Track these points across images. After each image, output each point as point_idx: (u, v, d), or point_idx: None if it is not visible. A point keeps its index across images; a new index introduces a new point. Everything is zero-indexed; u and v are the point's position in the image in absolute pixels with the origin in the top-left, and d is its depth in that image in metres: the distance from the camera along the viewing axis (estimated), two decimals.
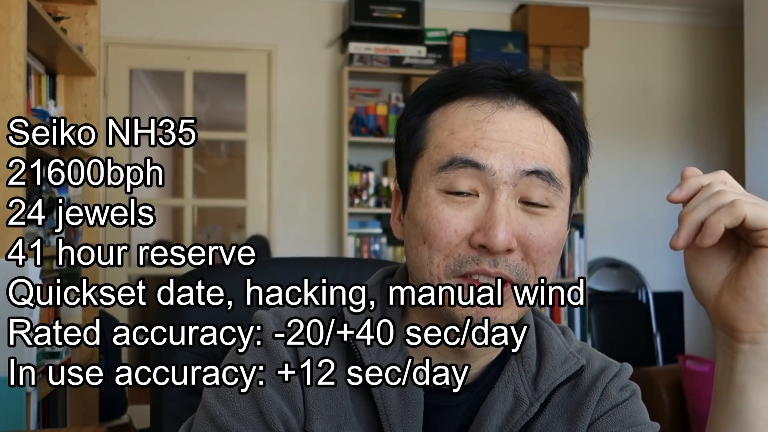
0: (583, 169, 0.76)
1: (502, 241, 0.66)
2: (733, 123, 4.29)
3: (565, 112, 0.72)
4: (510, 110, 0.71)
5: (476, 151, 0.69)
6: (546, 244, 0.69)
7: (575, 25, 4.03)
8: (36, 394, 1.84)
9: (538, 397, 0.75)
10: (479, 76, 0.72)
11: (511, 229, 0.67)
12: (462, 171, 0.69)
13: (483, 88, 0.71)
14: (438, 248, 0.69)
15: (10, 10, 1.78)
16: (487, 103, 0.71)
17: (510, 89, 0.72)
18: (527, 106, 0.72)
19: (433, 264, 0.70)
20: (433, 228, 0.69)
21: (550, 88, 0.72)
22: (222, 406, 0.72)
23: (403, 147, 0.76)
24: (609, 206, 4.31)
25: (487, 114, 0.70)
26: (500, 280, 0.68)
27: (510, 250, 0.68)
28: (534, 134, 0.70)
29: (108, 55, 3.82)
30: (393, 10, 3.77)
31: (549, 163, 0.70)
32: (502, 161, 0.68)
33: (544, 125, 0.71)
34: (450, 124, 0.72)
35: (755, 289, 0.60)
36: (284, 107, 4.00)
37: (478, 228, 0.68)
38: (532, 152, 0.69)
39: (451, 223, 0.68)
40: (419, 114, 0.75)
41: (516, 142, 0.69)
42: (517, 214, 0.69)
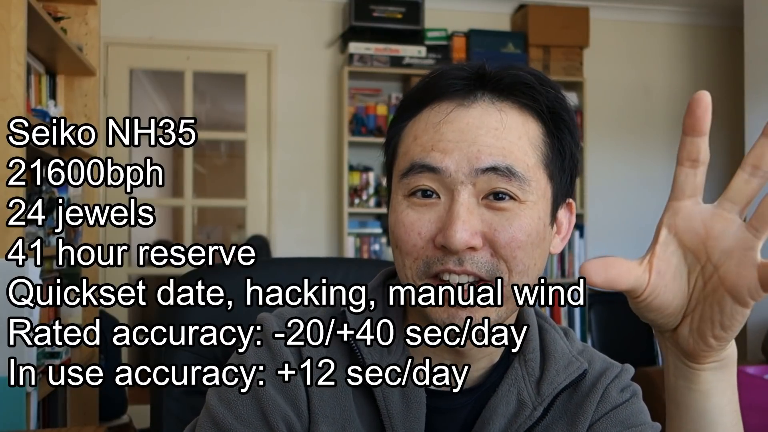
0: (566, 157, 0.74)
1: (459, 240, 0.66)
2: (733, 123, 4.29)
3: (535, 101, 0.71)
4: (469, 108, 0.70)
5: (432, 155, 0.69)
6: (513, 239, 0.68)
7: (575, 25, 4.03)
8: (36, 394, 1.84)
9: (541, 401, 0.75)
10: (442, 77, 0.72)
11: (470, 227, 0.67)
12: (420, 175, 0.69)
13: (445, 90, 0.71)
14: (407, 252, 0.70)
15: (10, 10, 1.78)
16: (446, 103, 0.71)
17: (474, 87, 0.71)
18: (492, 100, 0.71)
19: (406, 267, 0.71)
20: (399, 232, 0.70)
21: (520, 79, 0.71)
22: (225, 408, 0.72)
23: (386, 158, 0.78)
24: (609, 206, 4.31)
25: (445, 114, 0.70)
26: (470, 278, 0.68)
27: (474, 248, 0.67)
28: (493, 129, 0.69)
29: (108, 55, 3.82)
30: (393, 10, 3.78)
31: (509, 158, 0.68)
32: (458, 162, 0.68)
33: (508, 119, 0.70)
34: (414, 130, 0.72)
35: (719, 338, 0.56)
36: (284, 107, 4.00)
37: (440, 229, 0.68)
38: (488, 149, 0.68)
39: (415, 226, 0.69)
40: (397, 124, 0.76)
41: (472, 140, 0.68)
42: (481, 212, 0.68)
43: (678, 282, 0.58)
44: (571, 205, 0.78)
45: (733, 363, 0.60)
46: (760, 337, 3.30)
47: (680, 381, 0.60)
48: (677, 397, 0.61)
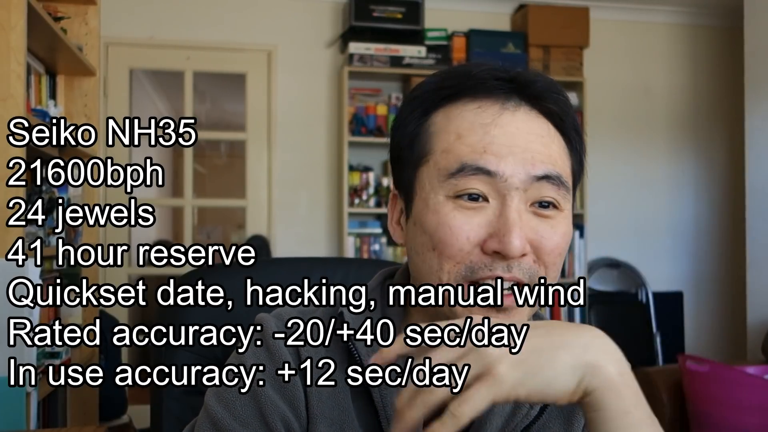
0: (582, 169, 0.76)
1: (518, 246, 0.66)
2: (733, 123, 4.29)
3: (564, 112, 0.72)
4: (515, 112, 0.70)
5: (486, 158, 0.68)
6: (557, 246, 0.69)
7: (575, 25, 4.03)
8: (36, 394, 1.84)
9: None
10: (481, 78, 0.71)
11: (524, 234, 0.67)
12: (473, 178, 0.68)
13: (486, 90, 0.70)
14: (449, 255, 0.68)
15: (10, 10, 1.78)
16: (492, 105, 0.70)
17: (512, 90, 0.71)
18: (530, 107, 0.71)
19: (443, 271, 0.69)
20: (444, 235, 0.68)
21: (549, 87, 0.72)
22: (223, 409, 0.72)
23: (403, 152, 0.75)
24: (609, 206, 4.31)
25: (494, 117, 0.69)
26: (516, 287, 0.68)
27: (524, 255, 0.68)
28: (540, 136, 0.70)
29: (108, 55, 3.82)
30: (393, 10, 3.78)
31: (557, 167, 0.70)
32: (513, 167, 0.68)
33: (548, 126, 0.71)
34: (455, 127, 0.70)
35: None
36: (284, 107, 4.00)
37: (491, 234, 0.67)
38: (541, 156, 0.69)
39: (463, 230, 0.68)
40: (418, 117, 0.73)
41: (525, 146, 0.68)
42: (529, 219, 0.69)
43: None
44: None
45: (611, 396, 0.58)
46: (760, 337, 3.30)
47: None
48: None
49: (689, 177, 4.47)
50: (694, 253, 4.47)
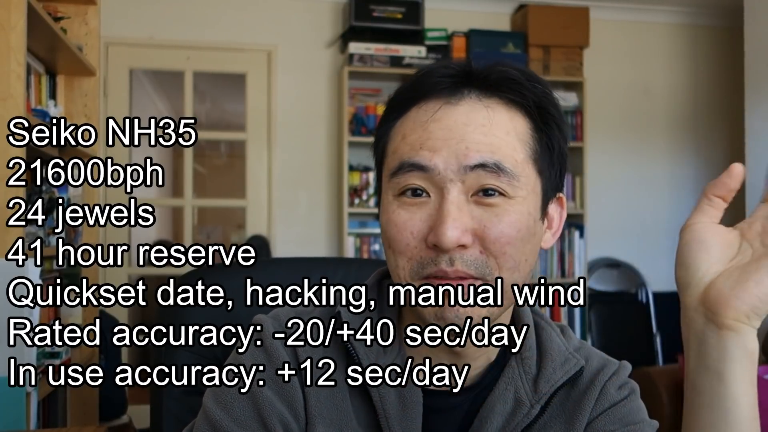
0: (554, 152, 0.74)
1: (450, 238, 0.66)
2: (733, 123, 4.29)
3: (522, 97, 0.71)
4: (457, 105, 0.70)
5: (422, 154, 0.69)
6: (503, 234, 0.68)
7: (575, 25, 4.03)
8: (36, 394, 1.84)
9: (538, 399, 0.75)
10: (429, 77, 0.72)
11: (461, 224, 0.67)
12: (410, 174, 0.69)
13: (432, 88, 0.72)
14: (400, 251, 0.70)
15: (10, 10, 1.78)
16: (433, 101, 0.71)
17: (460, 84, 0.71)
18: (479, 97, 0.71)
19: (399, 267, 0.71)
20: (392, 232, 0.70)
21: (506, 75, 0.72)
22: (222, 410, 0.72)
23: (375, 159, 0.78)
24: (609, 206, 4.31)
25: (433, 112, 0.70)
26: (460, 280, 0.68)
27: (464, 246, 0.67)
28: (481, 125, 0.69)
29: (108, 55, 3.82)
30: (393, 10, 3.78)
31: (497, 154, 0.68)
32: (446, 159, 0.68)
33: (495, 115, 0.70)
34: (402, 129, 0.72)
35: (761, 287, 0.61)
36: (284, 107, 4.00)
37: (431, 227, 0.68)
38: (477, 146, 0.68)
39: (407, 225, 0.69)
40: (385, 124, 0.76)
41: (460, 137, 0.68)
42: (471, 209, 0.68)
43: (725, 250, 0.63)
44: (561, 199, 0.78)
45: (753, 357, 0.62)
46: (760, 337, 3.30)
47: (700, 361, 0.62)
48: (695, 380, 0.63)
49: (689, 177, 4.47)
50: None
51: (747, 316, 0.61)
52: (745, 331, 0.61)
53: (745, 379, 0.61)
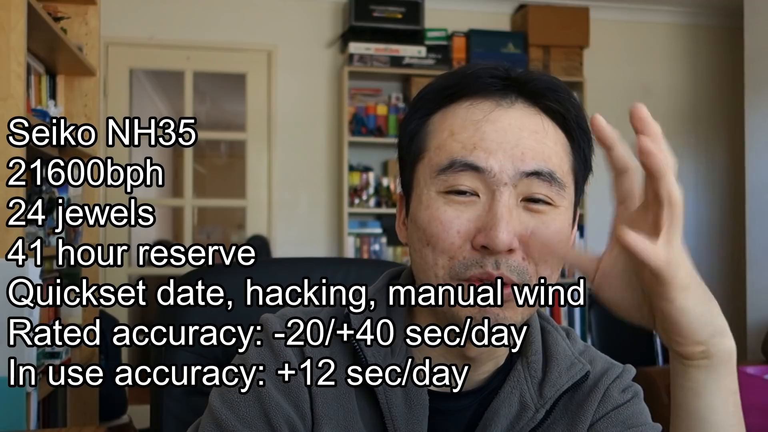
0: (587, 168, 0.75)
1: (504, 241, 0.65)
2: (733, 123, 4.29)
3: (566, 110, 0.72)
4: (509, 108, 0.70)
5: (476, 154, 0.68)
6: (549, 242, 0.68)
7: (575, 25, 4.03)
8: (36, 394, 1.84)
9: (543, 403, 0.74)
10: (477, 76, 0.71)
11: (512, 228, 0.67)
12: (462, 174, 0.68)
13: (481, 88, 0.71)
14: (442, 250, 0.68)
15: (10, 10, 1.78)
16: (485, 102, 0.70)
17: (509, 87, 0.71)
18: (527, 104, 0.71)
19: (438, 266, 0.69)
20: (436, 230, 0.68)
21: (550, 85, 0.72)
22: (228, 410, 0.72)
23: (404, 151, 0.75)
24: (609, 206, 4.29)
25: (486, 113, 0.69)
26: (500, 281, 0.67)
27: (512, 250, 0.67)
28: (534, 132, 0.69)
29: (108, 55, 3.82)
30: (393, 10, 3.78)
31: (549, 163, 0.69)
32: (502, 163, 0.67)
33: (544, 123, 0.71)
34: (449, 125, 0.71)
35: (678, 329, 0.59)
36: (284, 107, 4.00)
37: (480, 229, 0.67)
38: (531, 152, 0.68)
39: (453, 224, 0.68)
40: (419, 117, 0.74)
41: (515, 142, 0.68)
42: (519, 213, 0.68)
43: (625, 282, 0.63)
44: (577, 213, 0.78)
45: (724, 364, 0.60)
46: (760, 337, 3.30)
47: (675, 379, 0.62)
48: (673, 394, 0.63)
49: (689, 177, 4.47)
50: (693, 253, 4.38)
51: (700, 349, 0.59)
52: (707, 354, 0.59)
53: (721, 392, 0.61)
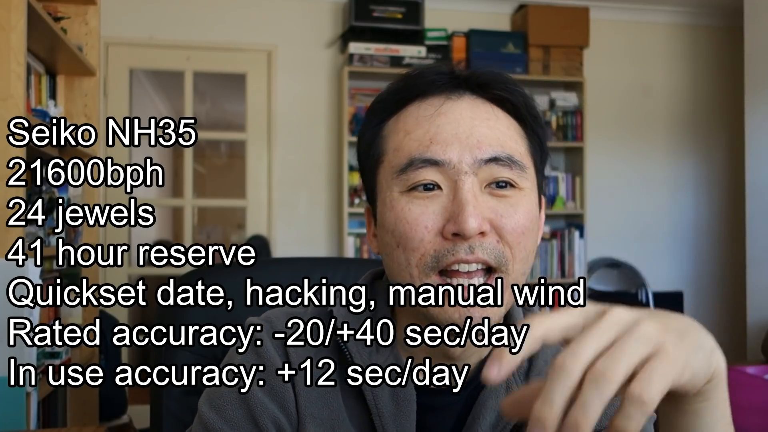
0: (543, 151, 0.76)
1: (473, 224, 0.66)
2: (733, 123, 4.29)
3: (514, 97, 0.73)
4: (458, 100, 0.72)
5: (433, 148, 0.69)
6: (519, 224, 0.69)
7: (575, 25, 4.03)
8: (36, 394, 1.84)
9: None
10: (423, 75, 0.73)
11: (480, 212, 0.67)
12: (422, 170, 0.69)
13: (429, 86, 0.72)
14: (413, 248, 0.69)
15: (10, 10, 1.78)
16: (435, 98, 0.72)
17: (456, 82, 0.73)
18: (475, 95, 0.73)
19: (411, 266, 0.69)
20: (403, 229, 0.69)
21: (495, 77, 0.74)
22: (215, 413, 0.73)
23: (364, 160, 0.77)
24: (609, 206, 4.31)
25: (436, 107, 0.71)
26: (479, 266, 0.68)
27: (483, 233, 0.68)
28: (486, 120, 0.71)
29: (108, 55, 3.82)
30: (393, 10, 3.78)
31: (506, 147, 0.70)
32: (460, 153, 0.69)
33: (495, 111, 0.72)
34: (403, 125, 0.72)
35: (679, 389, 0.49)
36: (284, 107, 4.00)
37: (448, 219, 0.68)
38: (487, 139, 0.70)
39: (420, 220, 0.69)
40: (374, 125, 0.76)
41: (469, 131, 0.70)
42: (485, 199, 0.69)
43: None
44: (542, 201, 0.78)
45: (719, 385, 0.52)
46: (760, 337, 3.30)
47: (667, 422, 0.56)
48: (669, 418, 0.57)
49: (689, 177, 4.47)
50: (694, 253, 4.47)
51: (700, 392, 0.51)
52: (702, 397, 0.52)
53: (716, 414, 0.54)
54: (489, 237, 0.68)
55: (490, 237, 0.68)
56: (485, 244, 0.68)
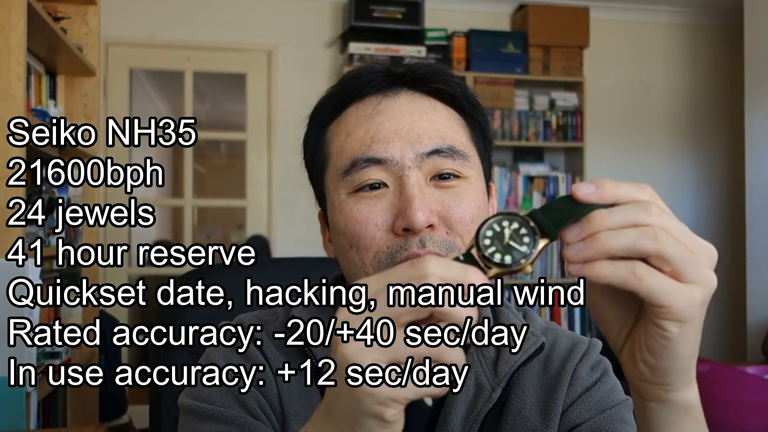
0: (487, 139, 0.77)
1: (421, 217, 0.66)
2: (733, 123, 4.29)
3: (451, 88, 0.74)
4: (396, 97, 0.73)
5: (374, 147, 0.70)
6: (467, 212, 0.70)
7: (575, 25, 4.03)
8: (36, 394, 1.84)
9: (499, 381, 0.74)
10: (358, 76, 0.74)
11: (427, 205, 0.68)
12: (366, 170, 0.70)
13: (365, 86, 0.73)
14: (365, 247, 0.69)
15: (10, 10, 1.78)
16: (372, 98, 0.73)
17: (391, 80, 0.74)
18: (412, 91, 0.73)
19: (366, 265, 0.70)
20: (354, 229, 0.70)
21: (431, 70, 0.74)
22: (200, 401, 0.73)
23: (310, 166, 0.78)
24: None
25: (374, 106, 0.72)
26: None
27: (432, 226, 0.68)
28: (424, 113, 0.72)
29: (108, 55, 3.82)
30: (393, 10, 3.77)
31: (447, 138, 0.71)
32: (402, 149, 0.69)
33: (432, 103, 0.73)
34: (344, 127, 0.73)
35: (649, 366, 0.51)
36: (284, 107, 3.99)
37: (397, 214, 0.68)
38: (427, 133, 0.70)
39: (369, 219, 0.69)
40: (317, 130, 0.76)
41: (409, 126, 0.70)
42: (431, 192, 0.69)
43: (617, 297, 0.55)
44: (491, 188, 0.79)
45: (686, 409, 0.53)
46: (760, 337, 3.30)
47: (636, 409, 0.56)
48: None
49: (689, 177, 4.47)
50: None
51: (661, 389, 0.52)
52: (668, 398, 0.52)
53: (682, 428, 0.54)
54: (438, 230, 0.68)
55: (440, 230, 0.69)
56: (435, 237, 0.68)
